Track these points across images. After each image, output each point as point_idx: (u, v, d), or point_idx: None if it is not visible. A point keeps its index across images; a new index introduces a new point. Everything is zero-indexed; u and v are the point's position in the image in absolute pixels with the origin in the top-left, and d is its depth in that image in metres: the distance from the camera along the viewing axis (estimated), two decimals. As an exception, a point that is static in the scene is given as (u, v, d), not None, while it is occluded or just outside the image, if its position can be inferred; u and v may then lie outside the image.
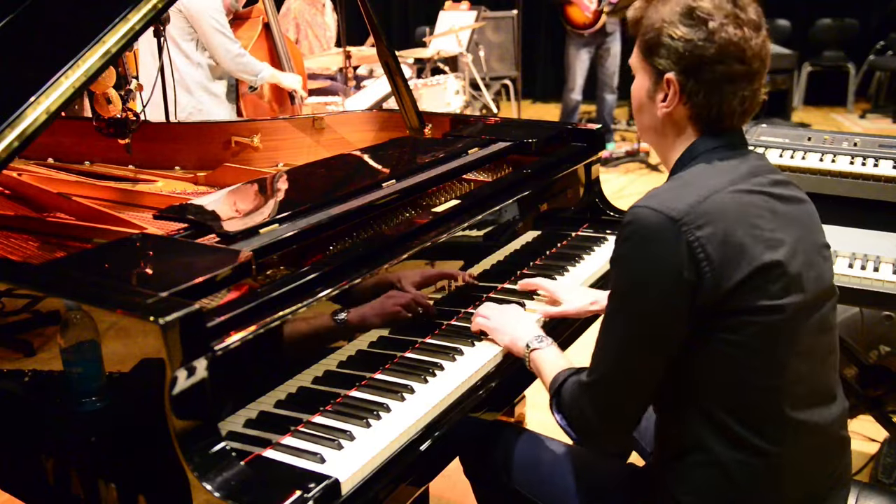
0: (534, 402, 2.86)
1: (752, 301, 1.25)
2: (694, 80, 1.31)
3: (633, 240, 1.27)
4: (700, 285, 1.23)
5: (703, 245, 1.23)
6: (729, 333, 1.26)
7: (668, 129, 1.39)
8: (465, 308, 1.84)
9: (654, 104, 1.38)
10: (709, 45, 1.28)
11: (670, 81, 1.33)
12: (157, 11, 1.62)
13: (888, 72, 8.05)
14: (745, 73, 1.31)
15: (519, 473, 1.61)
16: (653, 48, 1.34)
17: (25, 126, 1.47)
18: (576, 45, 6.45)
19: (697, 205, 1.25)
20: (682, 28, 1.30)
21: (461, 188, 2.10)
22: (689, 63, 1.30)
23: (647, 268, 1.26)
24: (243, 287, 1.39)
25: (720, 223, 1.24)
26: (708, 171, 1.33)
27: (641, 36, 1.37)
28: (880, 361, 2.53)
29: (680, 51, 1.30)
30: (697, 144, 1.36)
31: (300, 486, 1.20)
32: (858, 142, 2.58)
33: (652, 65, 1.35)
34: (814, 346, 1.33)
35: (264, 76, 3.86)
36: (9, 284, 1.36)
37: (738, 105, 1.33)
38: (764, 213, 1.29)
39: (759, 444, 1.29)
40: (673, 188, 1.32)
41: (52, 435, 1.38)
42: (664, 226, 1.23)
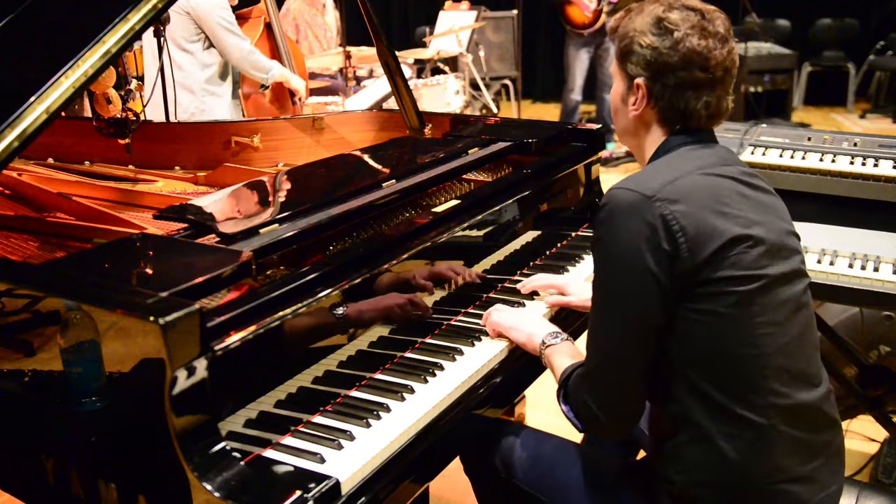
0: (534, 402, 2.86)
1: (726, 270, 1.30)
2: (660, 85, 1.42)
3: (610, 219, 1.34)
4: (677, 256, 1.29)
5: (677, 219, 1.30)
6: (705, 303, 1.31)
7: (640, 130, 1.50)
8: (465, 308, 1.84)
9: (627, 107, 1.49)
10: (673, 53, 1.39)
11: (639, 86, 1.44)
12: (157, 11, 1.62)
13: (888, 72, 8.05)
14: (708, 81, 1.41)
15: (519, 469, 1.61)
16: (626, 55, 1.45)
17: (25, 126, 1.47)
18: (575, 45, 6.46)
19: (669, 183, 1.33)
20: (651, 37, 1.41)
21: (461, 188, 2.10)
22: (656, 69, 1.41)
23: (627, 243, 1.31)
24: (243, 287, 1.39)
25: (692, 199, 1.32)
26: (680, 158, 1.42)
27: (618, 44, 1.48)
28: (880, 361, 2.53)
29: (647, 58, 1.41)
30: (670, 140, 1.46)
31: (300, 486, 1.20)
32: (858, 142, 2.58)
33: (625, 70, 1.47)
34: (790, 320, 1.37)
35: (274, 74, 3.84)
36: (9, 284, 1.36)
37: (702, 109, 1.42)
38: (733, 194, 1.37)
39: (746, 416, 1.32)
40: (646, 172, 1.41)
41: (52, 435, 1.38)
42: (639, 202, 1.31)
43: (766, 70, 7.17)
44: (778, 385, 1.34)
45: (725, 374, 1.33)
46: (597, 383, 1.39)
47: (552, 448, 1.65)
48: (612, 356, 1.36)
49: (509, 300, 1.88)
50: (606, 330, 1.37)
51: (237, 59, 3.75)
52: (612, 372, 1.37)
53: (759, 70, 7.11)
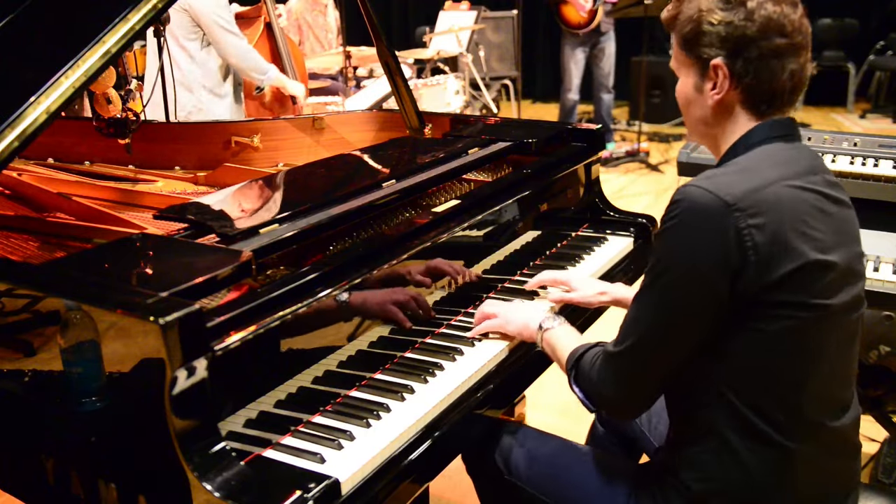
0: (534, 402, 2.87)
1: (791, 297, 1.25)
2: (741, 60, 1.33)
3: (682, 217, 1.27)
4: (742, 273, 1.24)
5: (752, 234, 1.23)
6: (763, 324, 1.27)
7: (720, 118, 1.40)
8: (465, 308, 1.84)
9: (704, 95, 1.39)
10: (750, 24, 1.31)
11: (717, 67, 1.35)
12: (157, 11, 1.62)
13: (888, 72, 8.05)
14: (789, 47, 1.33)
15: (521, 469, 1.61)
16: (695, 39, 1.36)
17: (25, 126, 1.47)
18: (571, 44, 6.46)
19: (753, 193, 1.25)
20: (721, 13, 1.33)
21: (461, 188, 2.10)
22: (734, 44, 1.32)
23: (693, 247, 1.26)
24: (243, 287, 1.39)
25: (772, 215, 1.25)
26: (766, 160, 1.33)
27: (679, 32, 1.39)
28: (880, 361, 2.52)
29: (723, 34, 1.33)
30: (754, 132, 1.37)
31: (300, 486, 1.20)
32: (858, 142, 2.58)
33: (696, 56, 1.37)
34: (839, 350, 1.34)
35: (271, 77, 3.83)
36: (9, 284, 1.36)
37: (787, 80, 1.34)
38: (816, 212, 1.30)
39: (775, 438, 1.30)
40: (729, 172, 1.32)
41: (52, 435, 1.38)
42: (716, 208, 1.24)
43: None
44: (811, 411, 1.32)
45: (762, 393, 1.30)
46: (624, 365, 1.36)
47: (554, 448, 1.64)
48: (647, 346, 1.33)
49: (509, 300, 1.88)
50: (649, 320, 1.33)
51: (234, 59, 3.74)
52: (642, 359, 1.35)
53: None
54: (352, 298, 1.53)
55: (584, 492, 1.55)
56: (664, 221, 1.31)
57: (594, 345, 1.48)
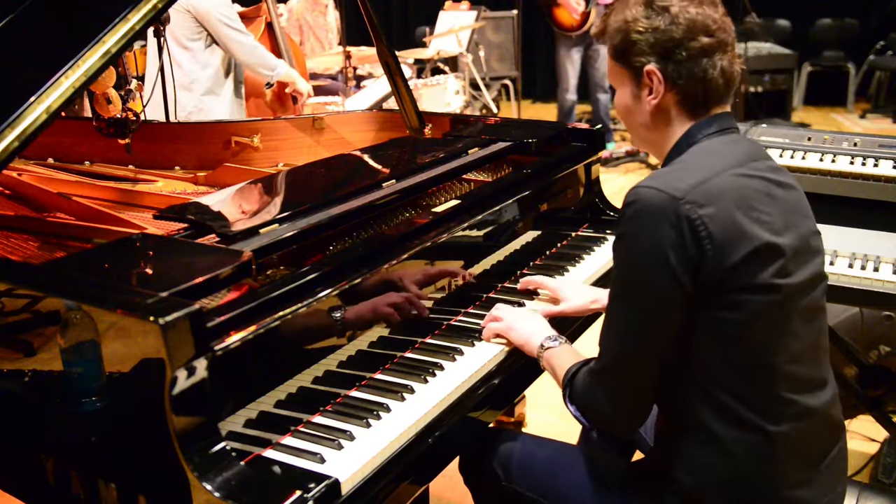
0: (534, 403, 2.86)
1: (750, 280, 1.28)
2: (672, 63, 1.38)
3: (636, 218, 1.30)
4: (702, 262, 1.27)
5: (705, 223, 1.26)
6: (727, 311, 1.30)
7: (660, 122, 1.44)
8: (464, 308, 1.84)
9: (642, 102, 1.43)
10: (675, 28, 1.36)
11: (651, 73, 1.39)
12: (157, 11, 1.62)
13: (888, 72, 8.04)
14: (716, 44, 1.38)
15: (518, 474, 1.60)
16: (627, 48, 1.41)
17: (25, 126, 1.47)
18: (565, 46, 6.46)
19: (699, 185, 1.29)
20: (646, 20, 1.38)
21: (461, 188, 2.10)
22: (663, 48, 1.37)
23: (651, 245, 1.28)
24: (243, 287, 1.39)
25: (721, 203, 1.28)
26: (707, 155, 1.38)
27: (610, 43, 1.45)
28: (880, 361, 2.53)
29: (651, 41, 1.38)
30: (692, 130, 1.41)
31: (300, 486, 1.20)
32: (858, 142, 2.57)
33: (629, 65, 1.42)
34: (806, 328, 1.37)
35: (280, 72, 3.79)
36: (9, 284, 1.36)
37: (719, 76, 1.38)
38: (762, 196, 1.34)
39: (757, 422, 1.32)
40: (674, 170, 1.36)
41: (52, 435, 1.38)
42: (667, 204, 1.27)
43: (766, 70, 7.17)
44: (788, 392, 1.34)
45: (738, 379, 1.32)
46: (609, 380, 1.38)
47: (550, 451, 1.64)
48: (628, 355, 1.35)
49: (509, 300, 1.88)
50: (623, 329, 1.35)
51: (242, 56, 3.70)
52: (625, 370, 1.36)
53: (759, 70, 7.12)
54: (348, 311, 1.53)
55: (581, 493, 1.54)
56: (620, 226, 1.34)
57: (585, 362, 1.48)
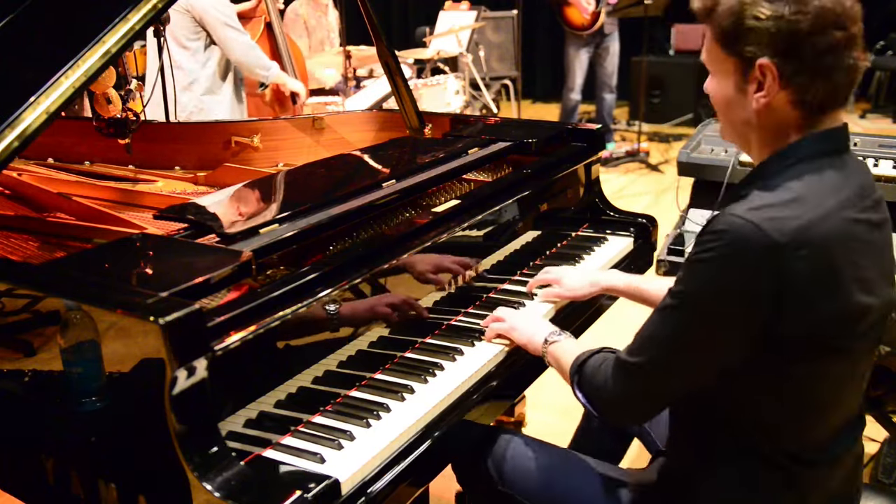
0: (534, 402, 2.86)
1: (829, 341, 1.20)
2: (793, 60, 1.18)
3: (724, 252, 1.16)
4: (779, 317, 1.17)
5: (796, 278, 1.15)
6: (795, 364, 1.22)
7: (764, 122, 1.25)
8: (464, 308, 1.84)
9: (747, 97, 1.24)
10: (802, 18, 1.15)
11: (765, 67, 1.19)
12: (157, 11, 1.62)
13: (888, 72, 8.04)
14: (847, 40, 1.18)
15: (512, 478, 1.59)
16: (737, 35, 1.20)
17: (25, 126, 1.47)
18: (575, 45, 6.46)
19: (805, 230, 1.15)
20: (768, 5, 1.17)
21: (461, 188, 2.10)
22: (784, 42, 1.17)
23: (731, 284, 1.17)
24: (243, 287, 1.39)
25: (822, 254, 1.16)
26: (817, 186, 1.21)
27: (717, 25, 1.23)
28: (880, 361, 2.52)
29: (772, 31, 1.17)
30: (804, 145, 1.24)
31: (300, 486, 1.20)
32: (858, 142, 2.57)
33: (738, 54, 1.22)
34: (860, 380, 1.33)
35: (273, 73, 3.83)
36: (9, 284, 1.36)
37: (843, 77, 1.20)
38: (863, 246, 1.22)
39: (790, 468, 1.29)
40: (780, 203, 1.18)
41: (52, 435, 1.38)
42: (766, 248, 1.14)
43: (766, 70, 7.15)
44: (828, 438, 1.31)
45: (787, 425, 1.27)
46: (632, 377, 1.31)
47: (547, 457, 1.62)
48: (659, 365, 1.28)
49: (509, 300, 1.88)
50: (670, 341, 1.26)
51: (238, 55, 3.72)
52: (654, 379, 1.30)
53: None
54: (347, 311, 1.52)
55: (581, 497, 1.53)
56: (702, 249, 1.19)
57: (599, 350, 1.46)
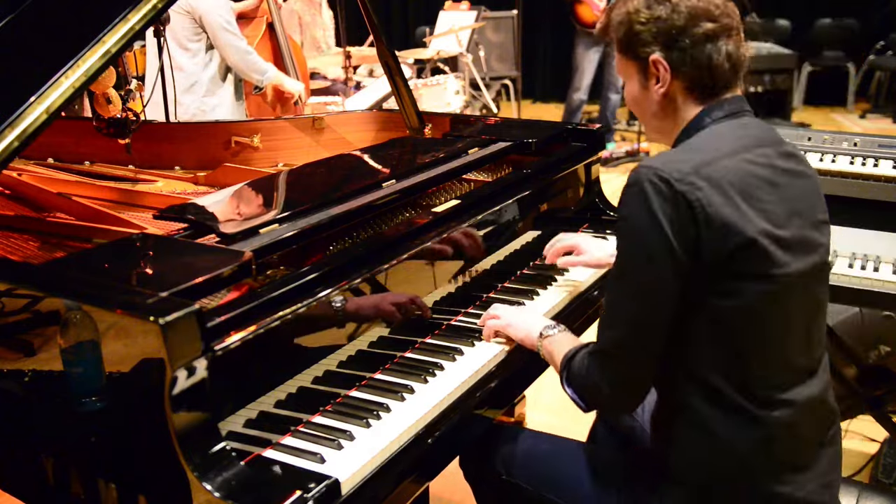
0: (534, 402, 2.86)
1: (745, 268, 1.29)
2: (676, 51, 1.39)
3: (636, 199, 1.30)
4: (698, 243, 1.27)
5: (703, 205, 1.26)
6: (721, 298, 1.30)
7: (668, 110, 1.45)
8: (464, 308, 1.84)
9: (650, 91, 1.45)
10: (677, 16, 1.37)
11: (656, 62, 1.41)
12: (157, 11, 1.62)
13: (888, 72, 8.04)
14: (720, 29, 1.38)
15: (520, 468, 1.62)
16: (631, 41, 1.43)
17: (25, 126, 1.47)
18: (585, 44, 6.44)
19: (701, 168, 1.29)
20: (648, 11, 1.40)
21: (461, 188, 2.10)
22: (666, 37, 1.39)
23: (648, 220, 1.28)
24: (243, 287, 1.39)
25: (721, 188, 1.28)
26: (713, 139, 1.38)
27: (615, 38, 1.46)
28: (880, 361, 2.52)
29: (654, 30, 1.39)
30: (701, 115, 1.42)
31: (300, 486, 1.20)
32: (858, 142, 2.57)
33: (635, 56, 1.43)
34: (803, 317, 1.38)
35: (270, 76, 3.84)
36: (9, 284, 1.36)
37: (725, 61, 1.39)
38: (764, 185, 1.33)
39: (747, 407, 1.33)
40: (677, 151, 1.38)
41: (52, 435, 1.38)
42: (666, 183, 1.27)
43: (766, 70, 7.16)
44: (782, 379, 1.35)
45: (732, 366, 1.33)
46: (608, 359, 1.39)
47: (550, 446, 1.65)
48: (627, 335, 1.36)
49: (509, 300, 1.88)
50: (623, 308, 1.36)
51: (235, 60, 3.76)
52: (624, 350, 1.37)
53: (759, 70, 7.10)
54: (348, 304, 1.53)
55: (581, 486, 1.56)
56: (619, 207, 1.35)
57: (584, 345, 1.49)
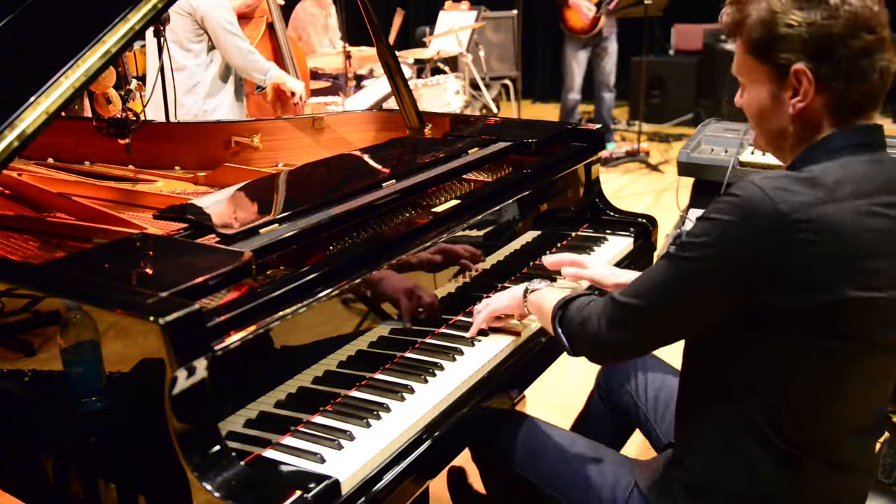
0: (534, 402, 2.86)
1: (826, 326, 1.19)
2: (828, 64, 1.21)
3: (731, 211, 1.19)
4: (776, 284, 1.18)
5: (801, 250, 1.15)
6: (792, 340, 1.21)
7: (800, 128, 1.27)
8: (465, 308, 1.84)
9: (783, 104, 1.26)
10: (834, 22, 1.19)
11: (800, 73, 1.22)
12: (157, 11, 1.62)
13: (888, 72, 8.04)
14: (878, 42, 1.21)
15: (527, 460, 1.62)
16: (769, 44, 1.24)
17: (25, 126, 1.47)
18: (573, 46, 6.47)
19: (812, 207, 1.16)
20: (799, 13, 1.21)
21: (461, 188, 2.10)
22: (818, 46, 1.20)
23: (733, 240, 1.19)
24: (243, 287, 1.39)
25: (829, 236, 1.16)
26: (839, 172, 1.21)
27: (748, 36, 1.27)
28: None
29: (805, 36, 1.20)
30: (834, 138, 1.25)
31: (300, 486, 1.20)
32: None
33: (771, 62, 1.25)
34: (874, 383, 1.30)
35: (272, 75, 3.84)
36: (9, 284, 1.36)
37: (877, 79, 1.22)
38: (878, 243, 1.19)
39: (794, 453, 1.27)
40: (796, 179, 1.20)
41: (52, 435, 1.38)
42: (769, 214, 1.16)
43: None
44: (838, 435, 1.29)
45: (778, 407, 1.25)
46: (625, 313, 1.33)
47: (558, 440, 1.65)
48: (652, 315, 1.31)
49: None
50: (665, 286, 1.28)
51: (238, 61, 3.75)
52: (642, 322, 1.33)
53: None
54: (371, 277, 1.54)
55: (588, 482, 1.55)
56: (713, 207, 1.23)
57: (586, 293, 1.48)
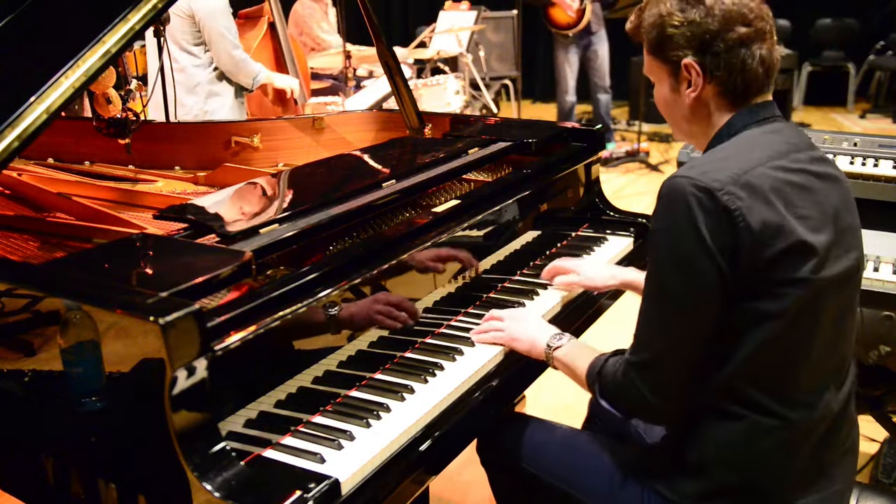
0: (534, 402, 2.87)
1: (785, 274, 1.28)
2: (710, 55, 1.37)
3: (675, 210, 1.29)
4: (738, 251, 1.26)
5: (743, 215, 1.26)
6: (757, 303, 1.29)
7: (699, 114, 1.44)
8: (464, 308, 1.84)
9: (681, 95, 1.43)
10: (711, 19, 1.36)
11: (689, 66, 1.39)
12: (157, 11, 1.62)
13: (888, 72, 8.05)
14: (754, 34, 1.37)
15: (533, 456, 1.64)
16: (662, 44, 1.41)
17: (25, 126, 1.47)
18: (563, 47, 6.47)
19: (738, 177, 1.28)
20: (682, 14, 1.37)
21: (461, 188, 2.10)
22: (700, 41, 1.37)
23: (692, 239, 1.27)
24: (243, 287, 1.39)
25: (759, 197, 1.28)
26: (747, 145, 1.37)
27: (646, 39, 1.44)
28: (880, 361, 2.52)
29: (687, 34, 1.37)
30: (734, 120, 1.41)
31: (300, 486, 1.20)
32: (858, 142, 2.58)
33: (666, 59, 1.42)
34: (836, 322, 1.37)
35: (260, 79, 3.90)
36: (9, 284, 1.36)
37: (758, 65, 1.38)
38: (801, 191, 1.33)
39: (774, 408, 1.33)
40: (712, 160, 1.35)
41: (52, 435, 1.38)
42: (708, 195, 1.26)
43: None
44: (811, 383, 1.35)
45: (763, 369, 1.33)
46: (650, 371, 1.37)
47: (563, 435, 1.67)
48: (668, 348, 1.35)
49: (509, 300, 1.88)
50: (661, 320, 1.35)
51: (228, 66, 3.81)
52: (665, 361, 1.35)
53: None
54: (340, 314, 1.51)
55: (593, 474, 1.57)
56: (654, 220, 1.34)
57: (612, 354, 1.48)
